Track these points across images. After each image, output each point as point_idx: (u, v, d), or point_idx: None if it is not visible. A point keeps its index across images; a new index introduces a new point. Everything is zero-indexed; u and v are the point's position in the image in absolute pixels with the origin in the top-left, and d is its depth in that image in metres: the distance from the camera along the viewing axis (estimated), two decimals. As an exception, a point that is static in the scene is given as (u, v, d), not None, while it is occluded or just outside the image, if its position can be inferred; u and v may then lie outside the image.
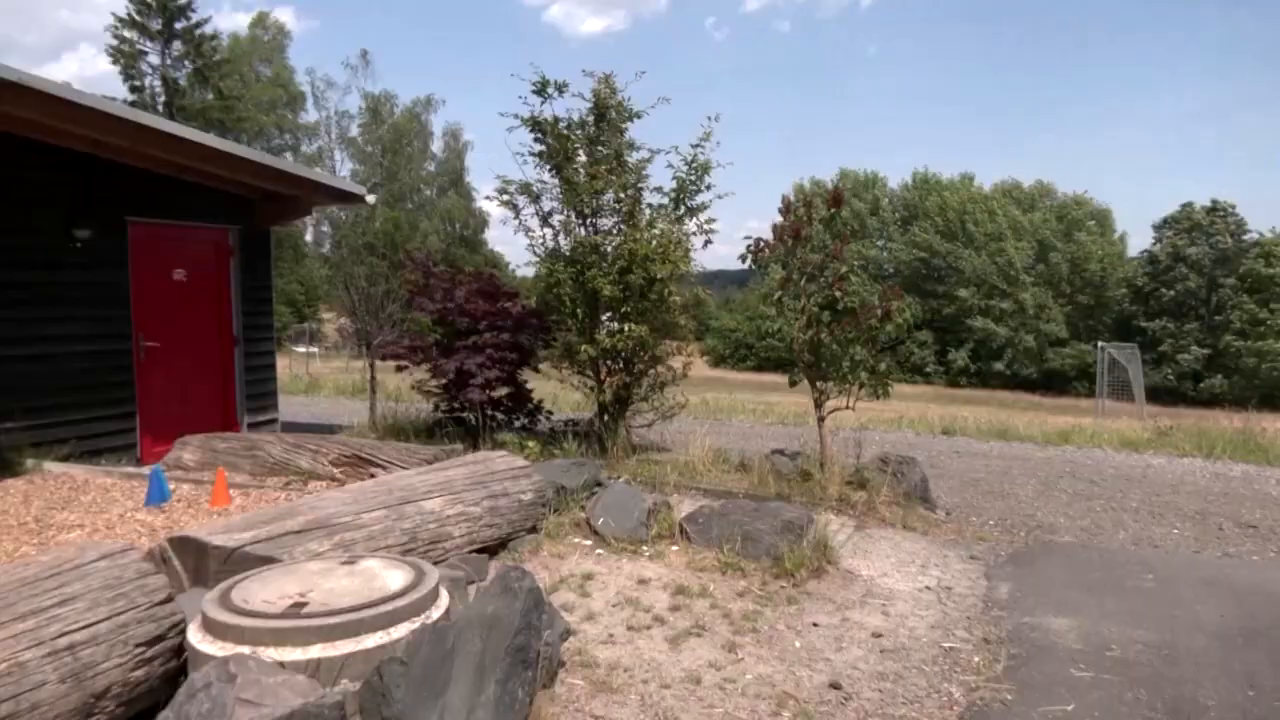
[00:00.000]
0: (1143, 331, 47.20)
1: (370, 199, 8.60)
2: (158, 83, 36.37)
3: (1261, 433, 12.47)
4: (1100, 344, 21.86)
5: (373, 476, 5.31)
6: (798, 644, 3.69)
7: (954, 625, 4.07)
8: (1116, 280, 53.06)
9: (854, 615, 4.11)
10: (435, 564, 3.69)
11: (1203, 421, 14.90)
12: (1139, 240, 55.81)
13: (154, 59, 36.38)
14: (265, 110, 41.90)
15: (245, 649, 2.49)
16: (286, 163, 11.32)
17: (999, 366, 50.96)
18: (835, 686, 3.28)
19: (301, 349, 33.03)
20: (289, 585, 2.87)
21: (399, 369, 8.37)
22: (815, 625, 3.93)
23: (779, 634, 3.79)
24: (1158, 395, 36.60)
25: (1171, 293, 48.65)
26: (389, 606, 2.71)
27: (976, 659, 3.63)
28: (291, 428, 8.96)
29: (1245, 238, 48.68)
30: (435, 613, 2.86)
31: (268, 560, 3.37)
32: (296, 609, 2.68)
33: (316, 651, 2.53)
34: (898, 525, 5.95)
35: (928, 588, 4.64)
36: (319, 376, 22.83)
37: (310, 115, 43.29)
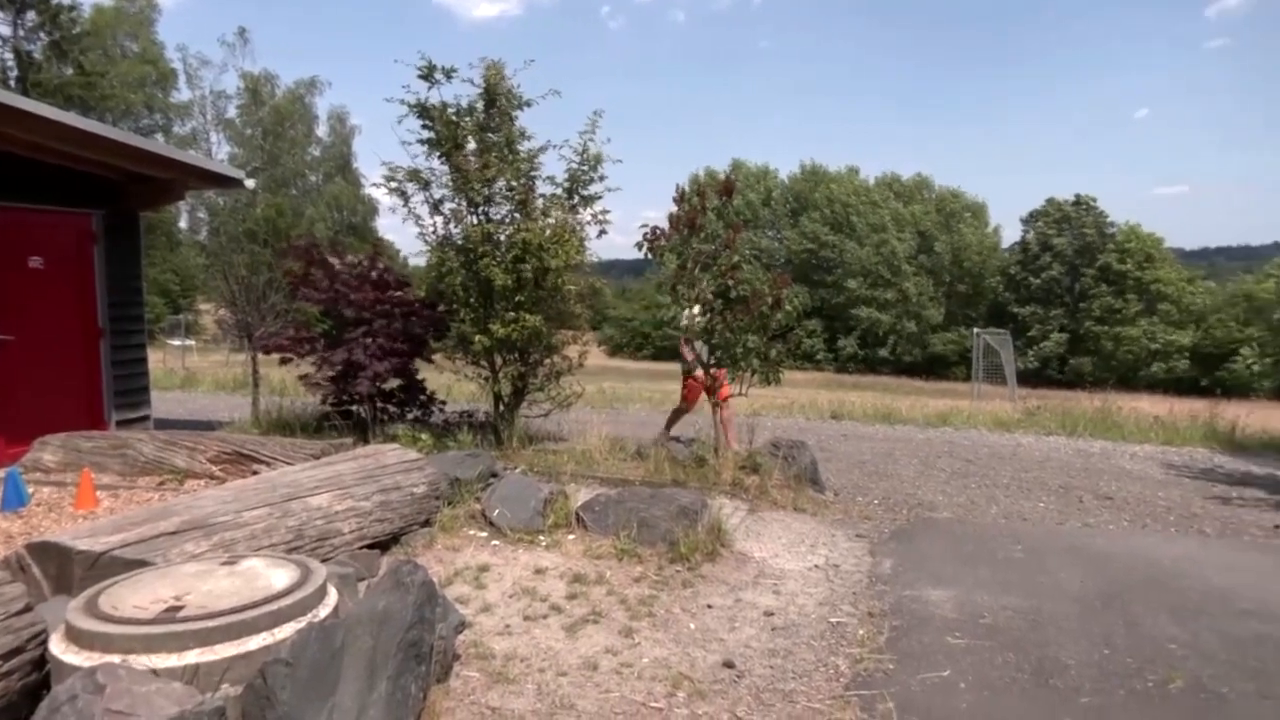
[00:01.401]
0: (1014, 317, 50.18)
1: (249, 184, 8.20)
2: (9, 56, 33.56)
3: (1118, 411, 13.44)
4: (976, 330, 23.06)
5: (255, 474, 5.09)
6: (693, 626, 3.76)
7: (841, 601, 4.23)
8: (992, 270, 56.11)
9: (747, 596, 4.22)
10: (324, 561, 3.57)
11: (1067, 402, 15.93)
12: (1011, 232, 58.98)
13: (4, 30, 33.56)
14: (133, 88, 39.14)
15: (115, 658, 2.35)
16: (155, 144, 10.64)
17: (884, 353, 53.21)
18: (729, 665, 3.36)
19: (177, 342, 31.23)
20: (163, 589, 2.73)
21: (283, 362, 8.04)
22: (710, 607, 4.02)
23: (674, 617, 3.85)
24: (1028, 378, 38.97)
25: (1039, 281, 51.86)
26: (273, 606, 2.61)
27: (861, 632, 3.79)
28: (166, 425, 8.48)
29: (1107, 231, 52.30)
30: (323, 611, 2.77)
31: (139, 564, 3.18)
32: (171, 613, 2.55)
33: (194, 657, 2.41)
34: (789, 507, 6.13)
35: (817, 566, 4.81)
36: (197, 371, 21.68)
37: (183, 95, 40.87)
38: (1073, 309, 51.23)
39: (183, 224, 39.95)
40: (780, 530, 5.52)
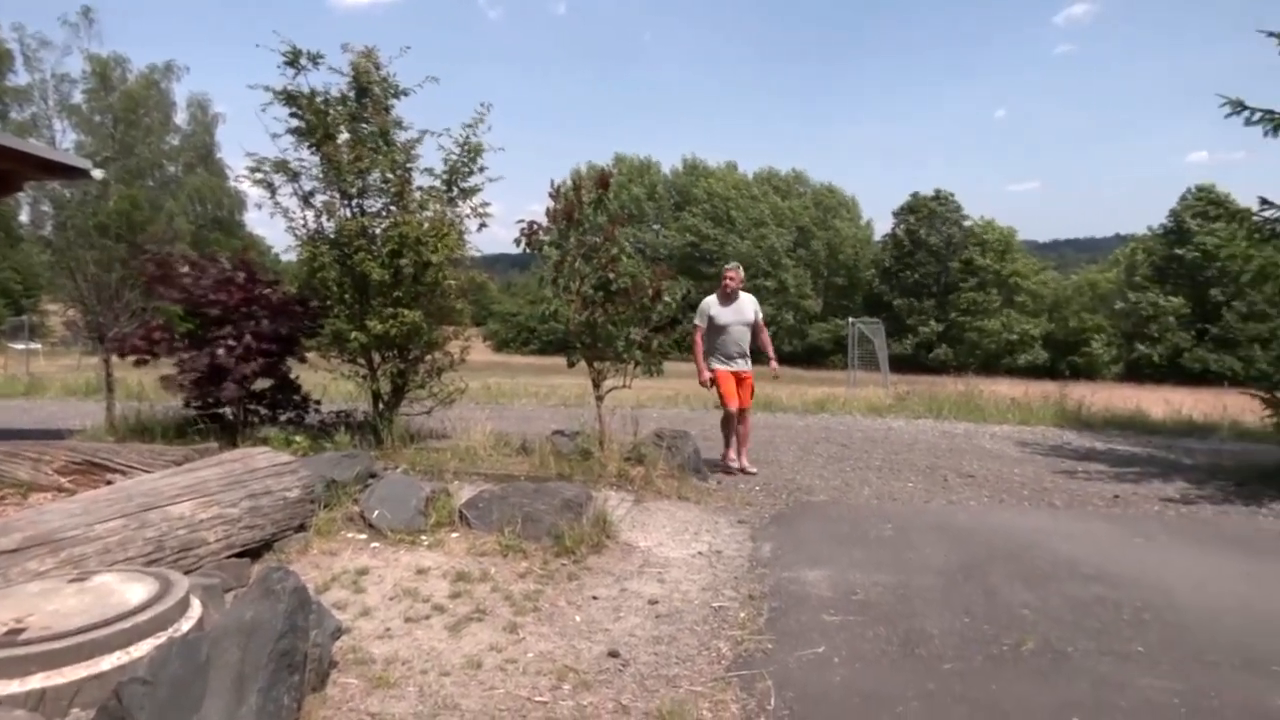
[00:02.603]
0: (889, 307, 52.62)
1: (97, 174, 7.63)
2: None
3: (979, 394, 14.30)
4: (851, 320, 24.01)
5: (110, 483, 4.77)
6: (578, 618, 3.77)
7: (723, 586, 4.33)
8: (866, 263, 58.60)
9: (632, 585, 4.27)
10: (188, 573, 3.39)
11: (934, 387, 16.82)
12: (882, 225, 61.81)
13: None
14: (-40, 70, 35.85)
15: (-54, 688, 2.16)
16: (-11, 131, 9.78)
17: (766, 343, 54.72)
18: (614, 655, 3.39)
19: (20, 346, 28.77)
20: (2, 611, 2.53)
21: (139, 364, 7.55)
22: (595, 598, 4.04)
23: (560, 610, 3.85)
24: (901, 364, 40.93)
25: (910, 273, 54.57)
26: (128, 623, 2.47)
27: (742, 615, 3.89)
28: (8, 436, 7.81)
29: (964, 224, 55.54)
30: (185, 625, 2.64)
31: (-25, 586, 2.94)
32: (12, 636, 2.37)
33: (38, 681, 2.25)
34: (673, 496, 6.22)
35: (700, 553, 4.91)
36: (43, 376, 20.05)
37: (21, 78, 37.64)
38: (941, 300, 54.16)
39: (24, 218, 36.90)
40: (665, 519, 5.61)
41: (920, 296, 54.41)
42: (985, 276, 53.14)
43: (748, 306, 7.37)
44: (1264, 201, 7.91)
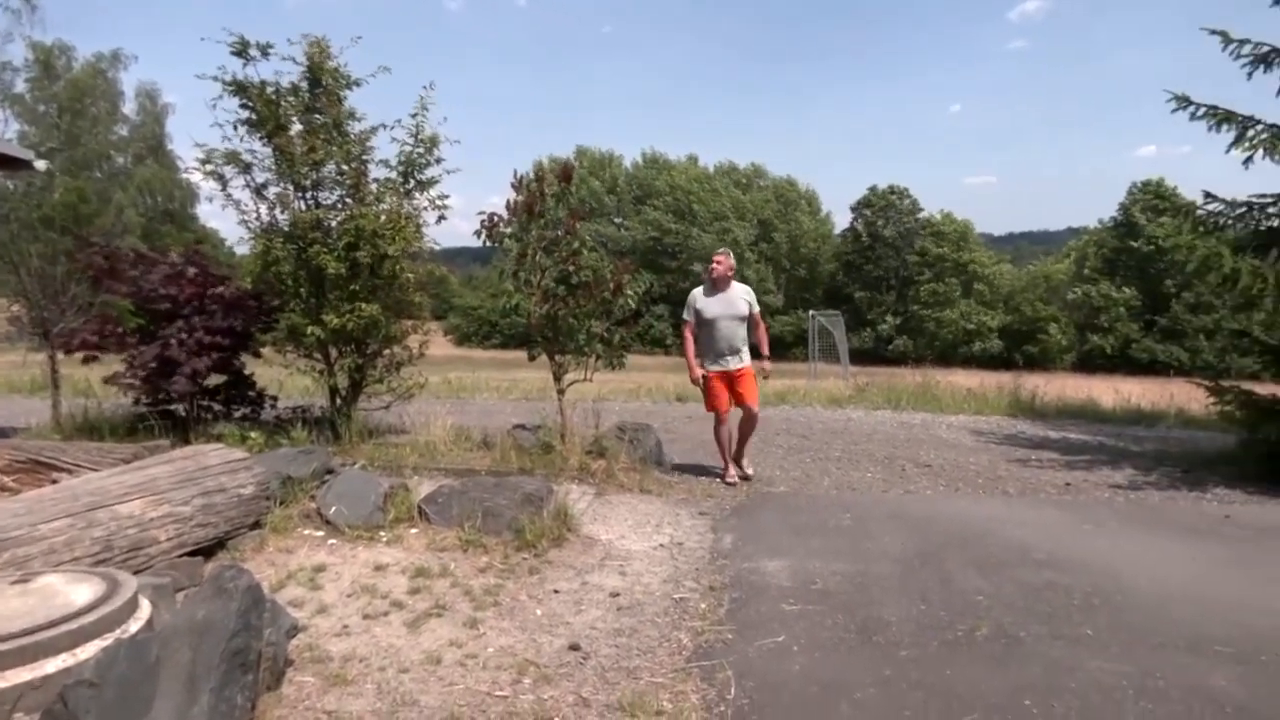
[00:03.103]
0: (850, 300, 53.23)
1: (40, 165, 7.40)
2: None
3: (937, 385, 14.53)
4: (811, 312, 24.24)
5: (55, 482, 4.64)
6: (539, 612, 3.76)
7: (684, 577, 4.35)
8: (826, 256, 59.14)
9: (593, 578, 4.26)
10: (138, 573, 3.32)
11: (893, 378, 17.07)
12: (842, 219, 62.44)
13: None
14: (-107, 57, 34.57)
15: (-121, 696, 2.09)
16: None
17: (728, 337, 54.97)
18: (575, 648, 3.38)
19: (-38, 342, 27.89)
20: (-61, 615, 2.45)
21: (87, 360, 7.36)
22: (556, 592, 4.03)
23: (521, 605, 3.84)
24: (862, 356, 41.50)
25: (871, 266, 55.24)
26: (73, 625, 2.41)
27: (703, 606, 3.91)
28: (-52, 434, 7.57)
29: (919, 216, 56.37)
30: (134, 625, 2.58)
31: (-89, 590, 2.84)
32: (-50, 641, 2.29)
33: (-22, 686, 2.19)
34: (635, 489, 6.23)
35: (661, 545, 4.92)
36: (-13, 373, 19.45)
37: (-43, 65, 36.36)
38: (901, 293, 54.90)
39: (-37, 210, 35.69)
40: (626, 512, 5.61)
41: (880, 289, 55.13)
42: (943, 267, 53.98)
43: (738, 298, 6.67)
44: (1208, 195, 8.13)
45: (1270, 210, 7.84)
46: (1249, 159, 7.63)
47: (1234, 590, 4.26)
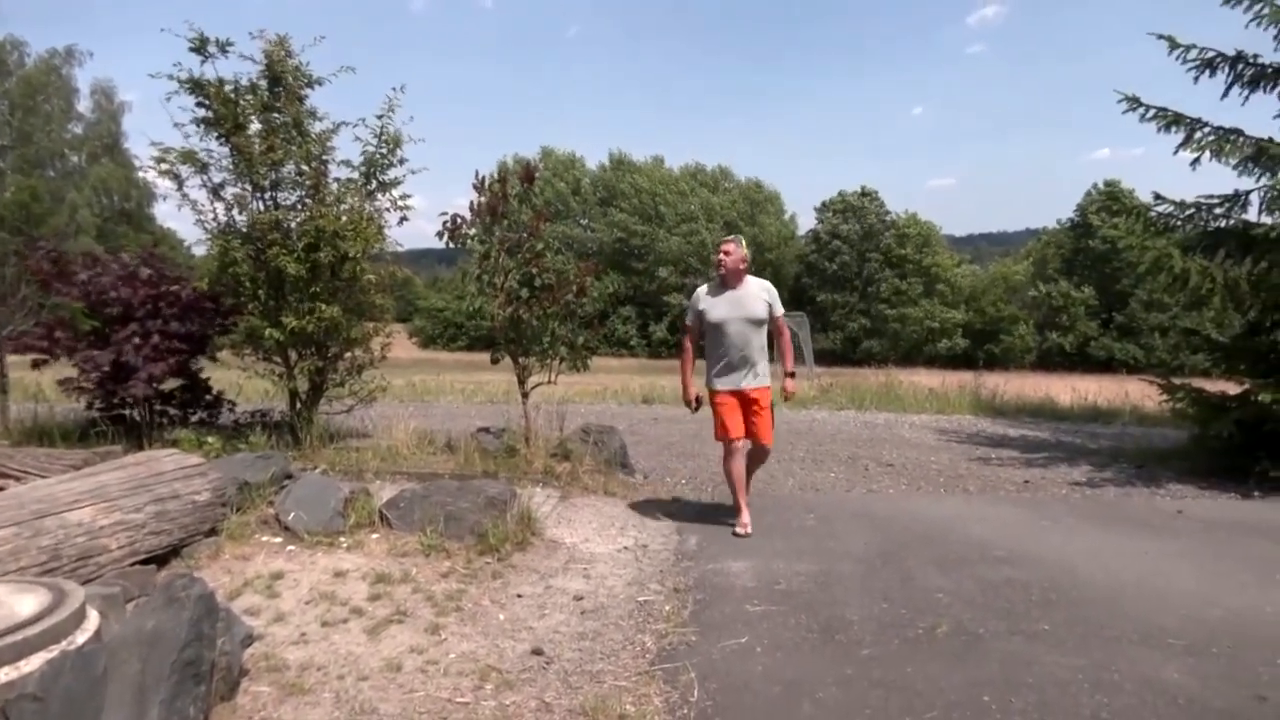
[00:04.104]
0: (814, 301, 53.62)
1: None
2: None
3: (900, 385, 14.69)
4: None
5: (2, 489, 4.51)
6: (502, 617, 3.73)
7: (648, 580, 4.34)
8: (790, 257, 59.52)
9: (557, 582, 4.24)
10: (86, 582, 3.24)
11: (857, 378, 17.24)
12: (806, 220, 62.88)
13: None
14: None
15: None
16: None
17: (695, 338, 55.13)
18: (538, 652, 3.36)
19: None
20: (-126, 630, 2.36)
21: (37, 364, 7.17)
22: (519, 596, 4.00)
23: (483, 609, 3.80)
24: (828, 357, 41.89)
25: (834, 267, 55.68)
26: (16, 637, 2.34)
27: (667, 608, 3.91)
28: (-110, 442, 7.32)
29: (886, 218, 56.97)
30: (81, 637, 2.51)
31: None
32: (-115, 657, 2.21)
33: (-85, 703, 2.11)
34: (600, 492, 6.21)
35: (626, 548, 4.91)
36: (-66, 379, 18.88)
37: (-96, 61, 35.30)
38: (863, 292, 55.43)
39: (-91, 209, 34.61)
40: (591, 515, 5.59)
41: (844, 290, 55.60)
42: (906, 267, 54.63)
43: (754, 296, 5.30)
44: (1157, 197, 8.32)
45: (1217, 211, 8.04)
46: (1196, 160, 7.83)
47: (1186, 584, 4.36)
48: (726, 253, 5.35)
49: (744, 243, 5.47)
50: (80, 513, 3.72)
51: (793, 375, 5.59)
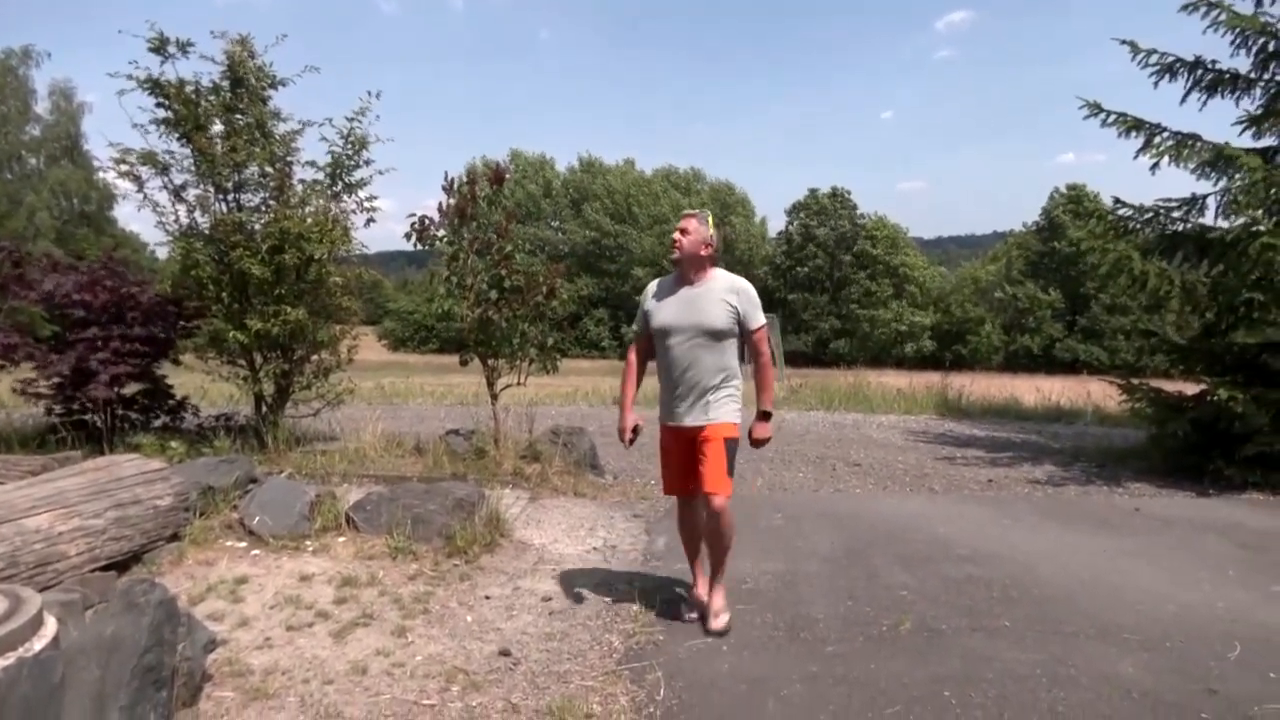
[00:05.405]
0: (785, 303, 53.92)
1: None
2: None
3: (868, 386, 14.84)
4: (747, 315, 24.48)
5: (-43, 497, 4.42)
6: (469, 619, 3.72)
7: (617, 580, 4.35)
8: (760, 259, 59.83)
9: (525, 583, 4.24)
10: (45, 589, 3.19)
11: (826, 379, 17.38)
12: (776, 223, 63.34)
13: None
14: None
15: None
16: None
17: (666, 339, 55.19)
18: (505, 654, 3.36)
19: None
20: None
21: (-8, 369, 7.02)
22: (487, 598, 4.00)
23: (451, 611, 3.79)
24: (800, 359, 42.16)
25: (805, 269, 56.04)
26: (-30, 645, 2.29)
27: (635, 608, 3.92)
28: None
29: (859, 220, 57.44)
30: (38, 644, 2.46)
31: None
32: None
33: None
34: (569, 493, 6.22)
35: (595, 548, 4.92)
36: (-114, 383, 18.40)
37: None
38: (834, 294, 55.87)
39: None
40: (560, 516, 5.60)
41: (814, 291, 56.00)
42: (876, 268, 55.12)
43: (714, 299, 3.78)
44: (1117, 200, 8.51)
45: (1176, 215, 8.24)
46: (1155, 165, 8.00)
47: (1142, 580, 4.46)
48: (684, 230, 3.88)
49: (710, 220, 3.94)
50: (38, 519, 3.66)
51: (768, 416, 3.77)
